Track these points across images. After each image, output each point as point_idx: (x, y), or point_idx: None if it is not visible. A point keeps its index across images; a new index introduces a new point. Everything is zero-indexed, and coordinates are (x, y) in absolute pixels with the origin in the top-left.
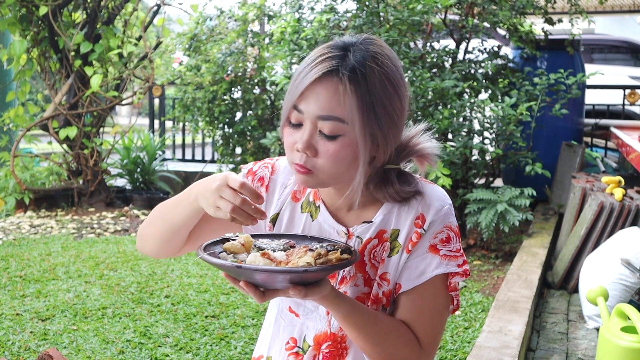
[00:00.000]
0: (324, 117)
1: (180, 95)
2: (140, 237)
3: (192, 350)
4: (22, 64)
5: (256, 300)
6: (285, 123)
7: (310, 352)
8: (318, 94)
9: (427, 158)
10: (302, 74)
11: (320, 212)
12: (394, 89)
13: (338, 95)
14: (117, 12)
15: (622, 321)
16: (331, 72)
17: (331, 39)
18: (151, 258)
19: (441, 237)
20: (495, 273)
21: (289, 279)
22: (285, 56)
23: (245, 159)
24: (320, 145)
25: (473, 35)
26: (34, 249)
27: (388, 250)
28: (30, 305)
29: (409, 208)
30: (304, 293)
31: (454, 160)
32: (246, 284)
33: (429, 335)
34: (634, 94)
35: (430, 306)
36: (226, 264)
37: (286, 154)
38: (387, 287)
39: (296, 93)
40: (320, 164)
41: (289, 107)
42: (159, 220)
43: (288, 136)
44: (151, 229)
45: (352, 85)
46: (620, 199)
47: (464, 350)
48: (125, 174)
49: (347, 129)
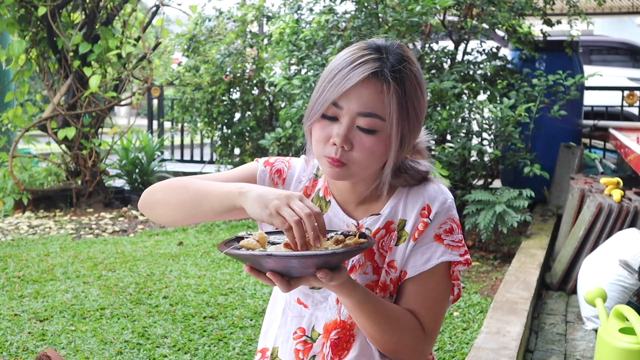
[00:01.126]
0: (364, 114)
1: (179, 96)
2: (152, 200)
3: (190, 351)
4: (20, 65)
5: (282, 289)
6: (317, 119)
7: (319, 340)
8: (361, 92)
9: (421, 153)
10: (342, 73)
11: (330, 207)
12: (421, 91)
13: (381, 95)
14: (116, 12)
15: (620, 322)
16: (376, 73)
17: (330, 41)
18: (150, 259)
19: (445, 227)
20: (494, 274)
21: (316, 263)
22: (284, 57)
23: (244, 160)
24: (356, 139)
25: (472, 37)
26: (32, 250)
27: (395, 239)
28: (29, 305)
29: (415, 200)
30: (330, 276)
31: (452, 161)
32: (273, 274)
33: (432, 321)
34: (632, 96)
35: (434, 293)
36: (256, 253)
37: (316, 147)
38: (395, 274)
39: (338, 90)
40: (354, 157)
41: (326, 103)
42: (192, 198)
43: (321, 130)
44: (176, 199)
45: (395, 86)
46: (619, 200)
47: (462, 351)
48: (123, 175)
49: (384, 126)
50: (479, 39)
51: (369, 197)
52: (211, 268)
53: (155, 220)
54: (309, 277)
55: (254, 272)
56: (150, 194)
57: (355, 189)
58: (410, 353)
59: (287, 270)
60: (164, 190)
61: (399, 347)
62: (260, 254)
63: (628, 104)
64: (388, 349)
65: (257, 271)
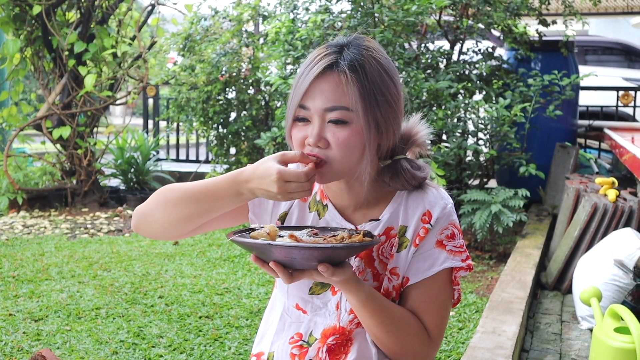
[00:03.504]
0: (330, 109)
1: (175, 96)
2: (144, 218)
3: (185, 351)
4: (15, 64)
5: (284, 281)
6: (292, 123)
7: (315, 344)
8: (322, 88)
9: (421, 146)
10: (303, 75)
11: (328, 211)
12: (389, 77)
13: (341, 86)
14: (111, 11)
15: (615, 322)
16: (331, 66)
17: (326, 40)
18: (145, 258)
19: (447, 233)
20: (489, 274)
21: (318, 256)
22: (280, 56)
23: (240, 160)
24: (329, 135)
25: (467, 37)
26: (27, 249)
27: (397, 245)
28: (23, 305)
29: (415, 205)
30: (331, 271)
31: (448, 161)
32: (275, 264)
33: (436, 326)
34: (627, 96)
35: (438, 298)
36: (258, 242)
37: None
38: (397, 280)
39: (300, 92)
40: (332, 153)
41: (294, 107)
42: (185, 205)
43: (297, 133)
44: (170, 212)
45: (353, 75)
46: (614, 200)
47: (458, 350)
48: (119, 174)
49: (353, 116)
50: (474, 38)
51: (367, 200)
52: (207, 268)
53: (157, 235)
54: (312, 271)
55: (259, 262)
56: (146, 215)
57: (352, 191)
58: (415, 356)
59: (289, 261)
60: (159, 207)
61: (403, 350)
62: (263, 243)
63: (623, 104)
64: (392, 351)
65: (262, 261)
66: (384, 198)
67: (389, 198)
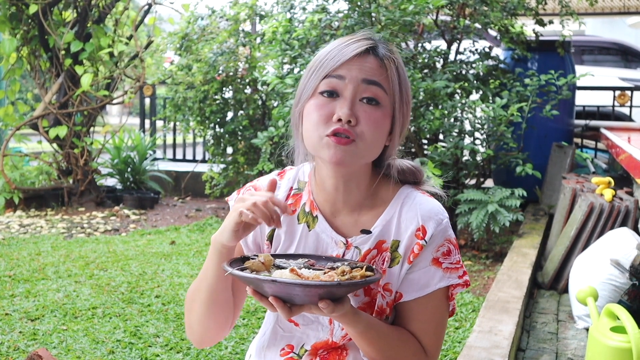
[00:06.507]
0: (369, 81)
1: (171, 95)
2: (188, 328)
3: (182, 350)
4: (11, 63)
5: (283, 316)
6: (310, 97)
7: (306, 356)
8: (362, 63)
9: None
10: (338, 49)
11: (318, 222)
12: (408, 82)
13: (382, 70)
14: (107, 11)
15: (611, 321)
16: (373, 49)
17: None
18: (142, 258)
19: (442, 250)
20: (486, 273)
21: (321, 293)
22: (277, 56)
23: (236, 159)
24: (360, 112)
25: (464, 36)
26: (23, 249)
27: (389, 261)
28: (20, 305)
29: (409, 219)
30: (332, 307)
31: (444, 160)
32: (275, 299)
33: (433, 343)
34: (623, 96)
35: (434, 317)
36: (260, 277)
37: (314, 129)
38: (390, 297)
39: (333, 63)
40: (360, 130)
41: (318, 79)
42: (198, 294)
43: (319, 109)
44: (195, 311)
45: (392, 64)
46: (610, 200)
47: (455, 350)
48: (115, 174)
49: (386, 101)
50: (471, 38)
51: (360, 205)
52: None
53: (207, 341)
54: (311, 306)
55: (256, 295)
56: (187, 325)
57: (348, 192)
58: None
59: (289, 297)
60: (188, 313)
61: None
62: (265, 279)
63: (619, 104)
64: None
65: (259, 294)
66: (378, 205)
67: (383, 205)
